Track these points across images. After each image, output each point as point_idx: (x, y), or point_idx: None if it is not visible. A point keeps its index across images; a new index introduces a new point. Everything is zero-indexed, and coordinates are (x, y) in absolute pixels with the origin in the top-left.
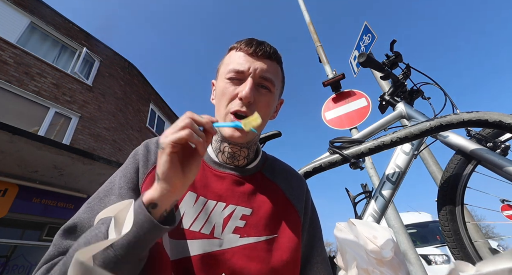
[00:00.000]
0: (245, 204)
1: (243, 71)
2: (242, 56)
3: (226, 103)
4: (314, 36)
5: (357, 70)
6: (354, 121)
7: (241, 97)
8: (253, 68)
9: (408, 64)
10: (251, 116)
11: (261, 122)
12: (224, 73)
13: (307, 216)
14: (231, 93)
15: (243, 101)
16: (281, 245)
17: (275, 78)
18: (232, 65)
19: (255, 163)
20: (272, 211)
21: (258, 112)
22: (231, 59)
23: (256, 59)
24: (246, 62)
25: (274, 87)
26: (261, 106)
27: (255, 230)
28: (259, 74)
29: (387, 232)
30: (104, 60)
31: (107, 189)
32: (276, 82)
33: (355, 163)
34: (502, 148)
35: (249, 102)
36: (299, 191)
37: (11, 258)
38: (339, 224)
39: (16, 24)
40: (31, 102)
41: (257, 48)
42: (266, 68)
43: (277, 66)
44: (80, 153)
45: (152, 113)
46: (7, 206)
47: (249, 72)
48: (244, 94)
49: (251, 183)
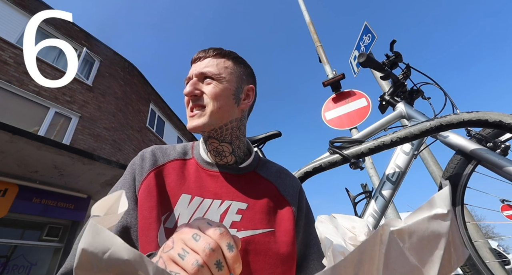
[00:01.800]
0: (240, 198)
1: (189, 77)
2: (192, 66)
3: (186, 107)
4: (314, 36)
5: (357, 70)
6: (354, 121)
7: (185, 94)
8: (194, 70)
9: (408, 64)
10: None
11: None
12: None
13: (302, 213)
14: (186, 99)
15: (188, 97)
16: (278, 239)
17: (217, 68)
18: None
19: (248, 162)
20: (267, 206)
21: (211, 100)
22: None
23: (198, 64)
24: (191, 69)
25: (217, 75)
26: (209, 94)
27: (252, 223)
28: (197, 71)
29: (365, 222)
30: (104, 60)
31: None
32: (219, 71)
33: (355, 163)
34: (502, 148)
35: (194, 96)
36: (293, 189)
37: (11, 258)
38: (320, 216)
39: (16, 24)
40: (31, 102)
41: (199, 53)
42: (203, 66)
43: (220, 58)
44: (80, 153)
45: (152, 113)
46: (7, 206)
47: (192, 76)
48: (184, 91)
49: (246, 181)
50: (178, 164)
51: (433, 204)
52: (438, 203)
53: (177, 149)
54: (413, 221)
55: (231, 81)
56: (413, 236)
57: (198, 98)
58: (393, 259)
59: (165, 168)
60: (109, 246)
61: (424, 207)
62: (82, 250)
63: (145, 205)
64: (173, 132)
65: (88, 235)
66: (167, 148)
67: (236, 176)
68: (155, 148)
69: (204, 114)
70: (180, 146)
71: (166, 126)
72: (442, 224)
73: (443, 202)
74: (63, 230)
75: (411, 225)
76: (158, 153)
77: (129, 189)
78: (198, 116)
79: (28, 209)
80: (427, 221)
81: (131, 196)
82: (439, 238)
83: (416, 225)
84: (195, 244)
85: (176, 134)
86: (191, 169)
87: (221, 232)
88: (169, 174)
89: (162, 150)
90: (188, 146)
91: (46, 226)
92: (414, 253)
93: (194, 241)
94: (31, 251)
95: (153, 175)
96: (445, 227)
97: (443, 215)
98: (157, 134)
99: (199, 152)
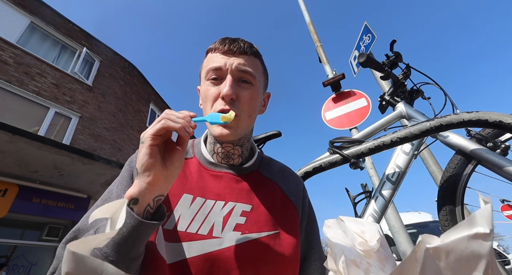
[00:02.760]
0: (244, 200)
1: (220, 68)
2: (218, 55)
3: (211, 105)
4: (314, 36)
5: (357, 70)
6: (354, 121)
7: (223, 96)
8: (229, 63)
9: (408, 64)
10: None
11: (234, 115)
12: (204, 75)
13: (305, 213)
14: (213, 94)
15: (225, 99)
16: (282, 241)
17: (255, 71)
18: (210, 65)
19: (251, 162)
20: (271, 207)
21: (242, 107)
22: (209, 61)
23: (231, 56)
24: (222, 59)
25: (255, 80)
26: (244, 101)
27: (256, 226)
28: (237, 68)
29: (374, 226)
30: (104, 60)
31: (105, 198)
32: (256, 75)
33: (355, 163)
34: (502, 148)
35: (231, 99)
36: (297, 188)
37: (11, 258)
38: (328, 221)
39: (16, 24)
40: (31, 102)
41: (231, 45)
42: (243, 62)
43: (255, 59)
44: (80, 153)
45: (152, 114)
46: (7, 206)
47: (226, 68)
48: (225, 92)
49: (249, 181)
50: None
51: (474, 222)
52: (480, 221)
53: None
54: (451, 239)
55: (261, 88)
56: (450, 255)
57: (233, 102)
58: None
59: None
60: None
61: (464, 224)
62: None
63: None
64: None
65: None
66: None
67: (239, 176)
68: None
69: (237, 123)
70: None
71: None
72: (483, 244)
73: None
74: (63, 230)
75: (449, 243)
76: None
77: (127, 188)
78: (230, 125)
79: (28, 209)
80: (466, 240)
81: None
82: (479, 259)
83: (455, 243)
84: (156, 121)
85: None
86: (193, 169)
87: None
88: None
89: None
90: (188, 144)
91: (46, 226)
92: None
93: (155, 122)
94: (31, 251)
95: None
96: (486, 248)
97: (485, 234)
98: None
99: (200, 151)
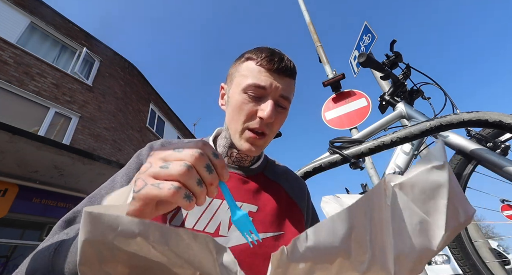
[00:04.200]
0: (250, 201)
1: (264, 87)
2: (263, 71)
3: (244, 119)
4: (314, 36)
5: (357, 70)
6: (354, 121)
7: (263, 118)
8: (275, 86)
9: (408, 64)
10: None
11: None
12: (241, 85)
13: (309, 215)
14: (249, 110)
15: (263, 121)
16: (287, 242)
17: (291, 96)
18: (252, 80)
19: (258, 163)
20: (277, 208)
21: (272, 129)
22: (250, 73)
23: (277, 77)
24: (267, 79)
25: (289, 105)
26: (276, 124)
27: (262, 227)
28: (280, 93)
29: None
30: (104, 60)
31: (109, 186)
32: (291, 99)
33: (355, 163)
34: (502, 148)
35: (269, 123)
36: (301, 191)
37: (11, 258)
38: (325, 197)
39: (16, 24)
40: (31, 102)
41: (280, 65)
42: (286, 88)
43: (294, 81)
44: (80, 153)
45: (152, 113)
46: (7, 206)
47: (270, 90)
48: (266, 116)
49: (255, 183)
50: None
51: (430, 158)
52: (434, 156)
53: None
54: (413, 174)
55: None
56: (415, 188)
57: (267, 125)
58: (400, 210)
59: None
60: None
61: (422, 161)
62: (83, 242)
63: None
64: (173, 132)
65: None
66: (176, 143)
67: (246, 177)
68: (164, 141)
69: (265, 142)
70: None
71: (166, 126)
72: (441, 173)
73: (439, 154)
74: None
75: (412, 177)
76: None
77: (132, 179)
78: (261, 143)
79: (28, 209)
80: (426, 173)
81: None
82: (440, 187)
83: (416, 177)
84: (179, 155)
85: (176, 134)
86: None
87: (203, 143)
88: None
89: (171, 144)
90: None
91: (46, 226)
92: (419, 204)
93: (177, 153)
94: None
95: None
96: (444, 176)
97: (440, 166)
98: (157, 134)
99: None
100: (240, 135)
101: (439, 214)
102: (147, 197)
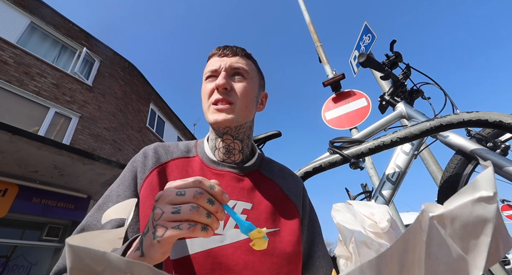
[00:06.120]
0: (245, 198)
1: (216, 69)
2: (215, 59)
3: (207, 99)
4: (314, 36)
5: (357, 70)
6: (354, 121)
7: (217, 86)
8: (223, 63)
9: (408, 64)
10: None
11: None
12: (204, 79)
13: (306, 212)
14: (209, 89)
15: (219, 89)
16: (283, 238)
17: (248, 67)
18: (207, 69)
19: (252, 161)
20: (272, 205)
21: (240, 97)
22: (207, 65)
23: (226, 58)
24: (217, 62)
25: (248, 74)
26: (239, 91)
27: (256, 223)
28: (230, 66)
29: (383, 208)
30: (104, 60)
31: (105, 197)
32: (249, 70)
33: (355, 163)
34: (502, 148)
35: (225, 89)
36: (296, 188)
37: (11, 258)
38: (336, 205)
39: (16, 24)
40: (31, 102)
41: (225, 49)
42: (235, 61)
43: (247, 59)
44: (80, 153)
45: (152, 113)
46: (7, 206)
47: (220, 69)
48: (218, 82)
49: (250, 180)
50: (182, 162)
51: (476, 186)
52: (482, 184)
53: (180, 147)
54: (455, 206)
55: (255, 84)
56: (455, 222)
57: (227, 92)
58: (435, 247)
59: (168, 165)
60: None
61: (467, 189)
62: (71, 269)
63: (147, 203)
64: (173, 132)
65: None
66: (169, 146)
67: (241, 175)
68: (157, 145)
69: (233, 110)
70: (182, 144)
71: (166, 126)
72: (488, 207)
73: (488, 184)
74: (63, 230)
75: (453, 209)
76: (160, 150)
77: (128, 188)
78: (227, 111)
79: (28, 209)
80: (470, 205)
81: (130, 195)
82: (485, 223)
83: (459, 209)
84: (183, 198)
85: (176, 134)
86: (195, 167)
87: (200, 180)
88: (172, 172)
89: (165, 147)
90: (191, 144)
91: (46, 226)
92: (458, 240)
93: (181, 197)
94: (31, 251)
95: (156, 172)
96: (491, 211)
97: (488, 198)
98: (157, 134)
99: (203, 150)
100: (207, 112)
101: (480, 253)
102: (172, 238)
